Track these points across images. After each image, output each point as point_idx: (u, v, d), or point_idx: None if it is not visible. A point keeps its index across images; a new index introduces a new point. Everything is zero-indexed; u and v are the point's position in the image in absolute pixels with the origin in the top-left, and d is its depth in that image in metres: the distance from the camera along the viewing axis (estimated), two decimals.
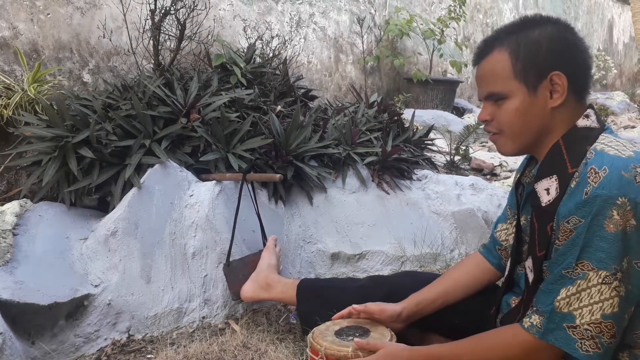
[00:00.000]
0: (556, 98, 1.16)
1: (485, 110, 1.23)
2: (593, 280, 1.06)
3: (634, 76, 11.20)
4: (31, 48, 2.73)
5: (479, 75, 1.24)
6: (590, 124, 1.18)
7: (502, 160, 3.80)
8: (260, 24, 3.89)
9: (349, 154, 2.52)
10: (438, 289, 1.48)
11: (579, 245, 1.07)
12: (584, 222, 1.06)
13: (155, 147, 2.07)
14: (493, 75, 1.19)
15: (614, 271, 1.05)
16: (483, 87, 1.23)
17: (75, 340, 1.70)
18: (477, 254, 1.55)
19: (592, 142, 1.14)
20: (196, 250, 1.94)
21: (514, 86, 1.17)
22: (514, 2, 7.63)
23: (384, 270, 2.32)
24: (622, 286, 1.05)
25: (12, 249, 1.73)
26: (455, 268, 1.55)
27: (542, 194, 1.19)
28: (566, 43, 1.17)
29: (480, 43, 1.25)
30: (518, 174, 1.38)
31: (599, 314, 1.06)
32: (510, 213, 1.47)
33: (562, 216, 1.10)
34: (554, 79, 1.15)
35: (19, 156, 2.18)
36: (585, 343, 1.07)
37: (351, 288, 1.64)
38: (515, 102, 1.17)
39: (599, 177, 1.06)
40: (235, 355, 1.63)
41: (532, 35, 1.16)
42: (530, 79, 1.16)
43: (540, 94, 1.16)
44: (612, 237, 1.04)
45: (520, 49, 1.16)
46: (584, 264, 1.07)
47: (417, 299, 1.46)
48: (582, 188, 1.07)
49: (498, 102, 1.20)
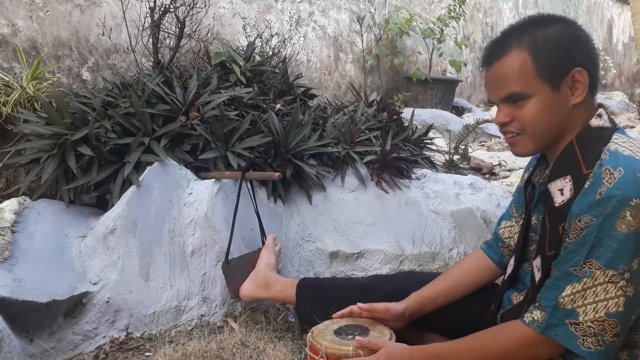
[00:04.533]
0: (577, 95, 1.15)
1: (502, 112, 1.20)
2: (599, 279, 1.06)
3: (633, 76, 11.21)
4: (30, 45, 2.73)
5: (494, 77, 1.20)
6: (603, 124, 1.17)
7: (500, 159, 3.80)
8: (259, 22, 3.89)
9: (348, 153, 2.52)
10: (440, 287, 1.48)
11: (588, 243, 1.07)
12: (596, 221, 1.06)
13: (154, 145, 2.07)
14: (513, 75, 1.15)
15: (621, 271, 1.05)
16: (501, 88, 1.18)
17: (74, 338, 1.70)
18: (479, 251, 1.54)
19: (605, 142, 1.13)
20: (195, 248, 1.93)
21: (537, 85, 1.14)
22: (513, 2, 7.63)
23: (382, 269, 2.32)
24: (630, 287, 1.05)
25: (11, 247, 1.73)
26: (457, 266, 1.55)
27: (555, 194, 1.18)
28: (580, 40, 1.16)
29: (490, 44, 1.22)
30: (527, 173, 1.38)
31: (603, 312, 1.06)
32: (516, 211, 1.46)
33: (574, 215, 1.10)
34: (576, 75, 1.14)
35: (18, 153, 2.18)
36: (588, 340, 1.07)
37: (351, 287, 1.64)
38: (539, 101, 1.15)
39: (614, 178, 1.05)
40: (234, 353, 1.63)
41: (549, 33, 1.15)
42: (553, 76, 1.14)
43: (562, 92, 1.15)
44: (623, 237, 1.04)
45: (539, 47, 1.14)
46: (592, 262, 1.07)
47: (419, 297, 1.46)
48: (596, 188, 1.07)
49: (518, 103, 1.17)
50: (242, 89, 2.59)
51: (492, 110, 6.19)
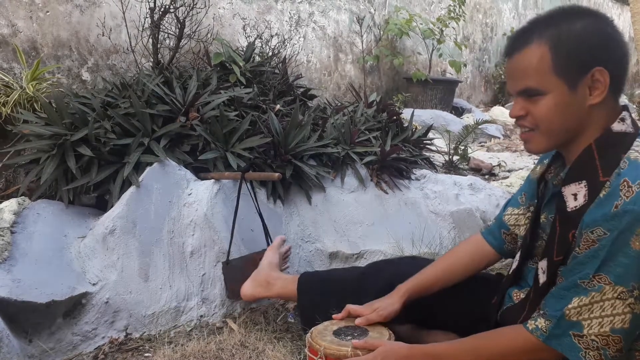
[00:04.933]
0: (596, 95, 1.10)
1: (517, 105, 1.17)
2: (608, 294, 1.05)
3: (633, 77, 11.21)
4: (30, 46, 2.73)
5: (513, 69, 1.16)
6: (625, 129, 1.13)
7: (500, 160, 3.81)
8: (259, 23, 3.89)
9: (347, 154, 2.52)
10: (435, 273, 1.47)
11: (600, 257, 1.05)
12: (610, 235, 1.03)
13: (154, 145, 2.07)
14: (530, 69, 1.11)
15: (631, 288, 1.03)
16: (517, 81, 1.15)
17: (73, 338, 1.70)
18: (477, 235, 1.52)
19: (626, 149, 1.09)
20: (194, 249, 1.93)
21: (553, 82, 1.10)
22: (513, 2, 7.63)
23: None
24: (638, 304, 1.04)
25: (10, 247, 1.73)
26: (453, 251, 1.54)
27: (568, 199, 1.15)
28: (608, 37, 1.11)
29: (515, 33, 1.18)
30: (540, 167, 1.34)
31: (608, 327, 1.05)
32: (525, 201, 1.42)
33: (587, 225, 1.07)
34: (596, 75, 1.09)
35: (17, 154, 2.18)
36: (590, 353, 1.06)
37: (351, 278, 1.62)
38: (554, 98, 1.11)
39: (632, 192, 1.02)
40: (233, 354, 1.63)
41: (574, 28, 1.10)
42: (572, 74, 1.10)
43: (579, 91, 1.10)
44: (636, 255, 1.02)
45: (561, 43, 1.09)
46: (601, 277, 1.05)
47: (414, 286, 1.45)
48: (612, 200, 1.04)
49: (533, 98, 1.13)
50: (242, 90, 2.59)
51: (492, 111, 6.20)
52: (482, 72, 7.17)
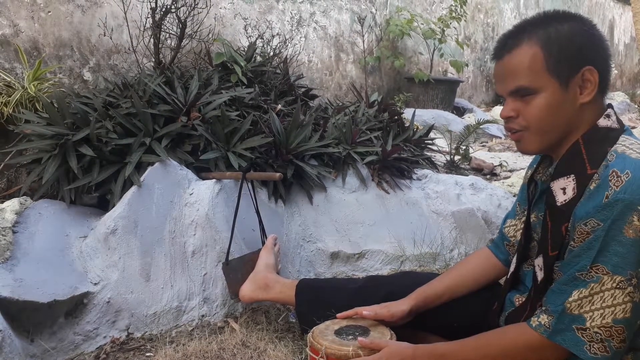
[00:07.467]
0: (586, 94, 1.13)
1: (508, 106, 1.18)
2: (607, 285, 1.05)
3: (635, 77, 11.20)
4: (32, 46, 2.73)
5: (503, 70, 1.18)
6: (611, 124, 1.16)
7: (501, 160, 3.80)
8: (261, 23, 3.89)
9: (349, 153, 2.52)
10: (445, 283, 1.47)
11: (595, 248, 1.06)
12: (603, 225, 1.04)
13: (155, 145, 2.07)
14: (522, 68, 1.14)
15: (629, 277, 1.04)
16: (509, 81, 1.17)
17: (75, 338, 1.70)
18: (485, 249, 1.54)
19: (612, 143, 1.12)
20: (196, 248, 1.94)
21: (545, 80, 1.13)
22: (514, 2, 7.63)
23: (383, 269, 2.32)
24: (637, 293, 1.04)
25: (12, 247, 1.73)
26: (464, 262, 1.55)
27: (557, 193, 1.16)
28: (594, 38, 1.15)
29: (502, 37, 1.20)
30: (530, 171, 1.36)
31: (610, 318, 1.05)
32: (520, 209, 1.45)
33: (579, 218, 1.09)
34: (586, 74, 1.12)
35: (19, 154, 2.18)
36: (594, 346, 1.06)
37: (350, 289, 1.63)
38: (546, 97, 1.13)
39: (621, 181, 1.04)
40: (235, 353, 1.63)
41: (562, 29, 1.13)
42: (563, 73, 1.12)
43: (570, 90, 1.13)
44: (631, 242, 1.03)
45: (552, 42, 1.12)
46: (598, 267, 1.06)
47: (425, 294, 1.45)
48: (602, 191, 1.05)
49: (525, 98, 1.15)
50: (243, 90, 2.59)
51: (493, 111, 6.19)
52: (484, 72, 7.17)
